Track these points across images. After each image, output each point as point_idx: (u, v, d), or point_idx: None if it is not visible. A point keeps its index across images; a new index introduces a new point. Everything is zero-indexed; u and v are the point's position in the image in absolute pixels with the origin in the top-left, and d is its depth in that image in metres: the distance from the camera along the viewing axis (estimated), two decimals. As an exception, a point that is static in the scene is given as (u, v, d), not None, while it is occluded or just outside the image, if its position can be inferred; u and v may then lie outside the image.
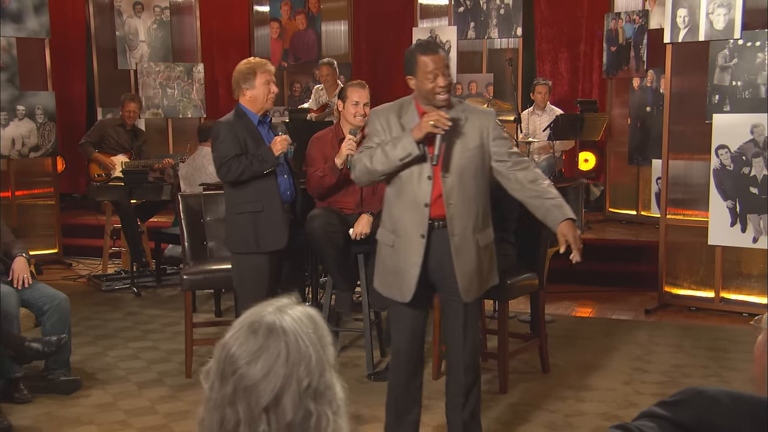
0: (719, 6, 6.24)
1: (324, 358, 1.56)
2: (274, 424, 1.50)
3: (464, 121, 3.64)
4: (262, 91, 4.71)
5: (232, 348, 1.53)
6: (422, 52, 3.63)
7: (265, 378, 1.50)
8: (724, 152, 6.29)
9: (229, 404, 1.51)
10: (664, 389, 4.81)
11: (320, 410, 1.55)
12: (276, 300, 1.64)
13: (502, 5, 9.46)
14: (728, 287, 6.51)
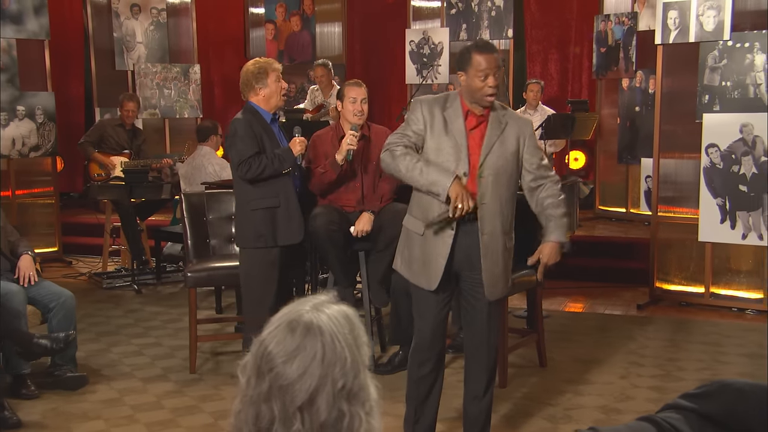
0: (709, 8, 6.26)
1: (359, 359, 1.56)
2: (308, 423, 1.50)
3: (505, 126, 3.66)
4: (274, 88, 4.78)
5: (270, 345, 1.53)
6: (478, 50, 3.60)
7: (300, 378, 1.50)
8: (713, 151, 6.31)
9: (264, 401, 1.51)
10: (660, 383, 4.83)
11: (353, 411, 1.55)
12: (313, 297, 1.63)
13: (493, 7, 9.47)
14: (718, 283, 6.53)
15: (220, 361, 5.33)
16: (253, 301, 4.90)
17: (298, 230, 4.80)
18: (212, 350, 5.51)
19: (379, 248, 5.03)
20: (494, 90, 3.58)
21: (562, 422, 4.26)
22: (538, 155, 3.76)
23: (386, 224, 4.96)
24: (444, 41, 9.57)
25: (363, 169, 5.09)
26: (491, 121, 3.65)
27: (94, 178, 7.91)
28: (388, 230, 4.94)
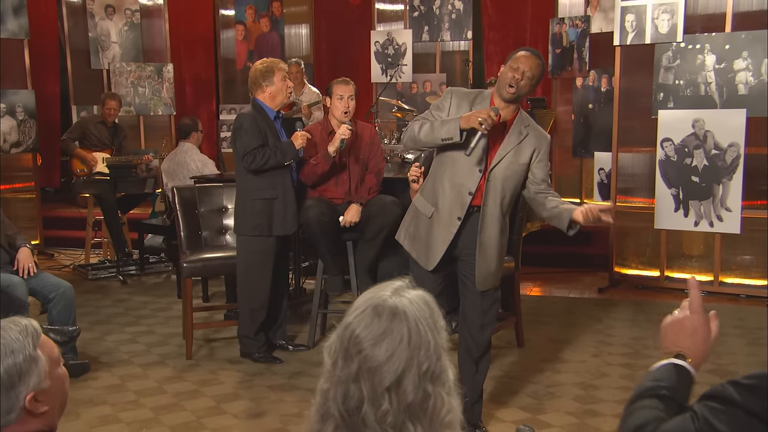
0: (663, 12, 6.38)
1: (439, 342, 1.56)
2: (395, 404, 1.50)
3: (524, 137, 3.64)
4: (280, 86, 4.83)
5: (357, 329, 1.52)
6: (522, 50, 3.61)
7: (388, 360, 1.50)
8: (668, 145, 6.44)
9: (353, 381, 1.51)
10: (629, 360, 4.93)
11: (436, 392, 1.56)
12: (391, 282, 1.63)
13: (453, 10, 9.51)
14: (672, 267, 6.68)
15: (214, 347, 5.28)
16: (249, 287, 4.90)
17: (292, 222, 4.86)
18: (205, 337, 5.45)
19: (367, 238, 5.04)
20: (514, 84, 3.50)
21: (546, 399, 4.32)
22: (544, 171, 3.75)
23: (374, 215, 4.97)
24: (407, 42, 9.58)
25: (351, 162, 5.10)
26: (512, 130, 3.64)
27: (76, 173, 7.74)
28: (376, 221, 4.97)
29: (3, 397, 1.63)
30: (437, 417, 1.54)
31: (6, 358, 1.64)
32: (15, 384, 1.65)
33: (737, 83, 6.17)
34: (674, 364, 1.78)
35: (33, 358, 1.68)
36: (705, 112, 6.27)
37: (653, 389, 1.73)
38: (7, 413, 1.64)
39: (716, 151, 6.25)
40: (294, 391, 4.48)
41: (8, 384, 1.63)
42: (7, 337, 1.67)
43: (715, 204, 6.29)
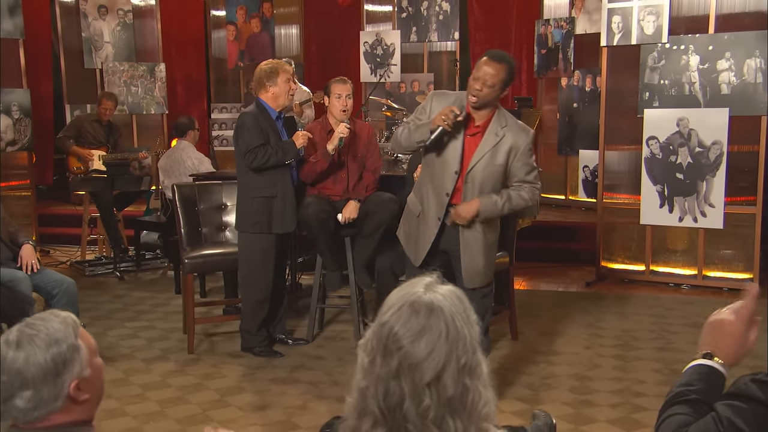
0: (649, 14, 6.42)
1: (474, 336, 1.56)
2: (436, 399, 1.49)
3: (501, 138, 3.67)
4: (283, 88, 4.80)
5: (395, 327, 1.51)
6: (486, 54, 3.68)
7: (428, 356, 1.49)
8: (653, 143, 6.49)
9: (393, 378, 1.50)
10: (621, 351, 4.96)
11: (474, 386, 1.56)
12: (421, 279, 1.62)
13: (440, 12, 9.53)
14: (657, 261, 6.73)
15: (214, 341, 5.27)
16: (250, 283, 4.89)
17: (291, 220, 4.85)
18: (204, 332, 5.43)
19: (365, 234, 5.04)
20: (477, 92, 3.59)
21: (542, 390, 4.34)
22: (524, 170, 3.76)
23: (372, 211, 4.98)
24: (396, 43, 9.59)
25: (349, 160, 5.09)
26: (488, 133, 3.68)
27: (73, 171, 7.70)
28: (374, 217, 4.97)
29: (50, 385, 1.63)
30: (475, 410, 1.54)
31: (51, 347, 1.65)
32: (60, 372, 1.65)
33: (720, 83, 6.22)
34: (704, 365, 1.75)
35: (75, 347, 1.69)
36: (689, 111, 6.32)
37: (681, 394, 1.71)
38: (54, 400, 1.65)
39: (700, 149, 6.30)
40: (296, 384, 4.47)
41: (54, 372, 1.64)
42: (50, 327, 1.68)
43: (699, 200, 6.35)
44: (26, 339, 1.65)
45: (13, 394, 1.63)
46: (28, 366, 1.63)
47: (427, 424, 1.49)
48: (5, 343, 1.67)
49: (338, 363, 4.81)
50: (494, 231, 3.90)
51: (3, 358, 1.64)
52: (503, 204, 3.77)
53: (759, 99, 6.10)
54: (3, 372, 1.63)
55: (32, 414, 1.64)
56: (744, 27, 6.20)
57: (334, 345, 5.16)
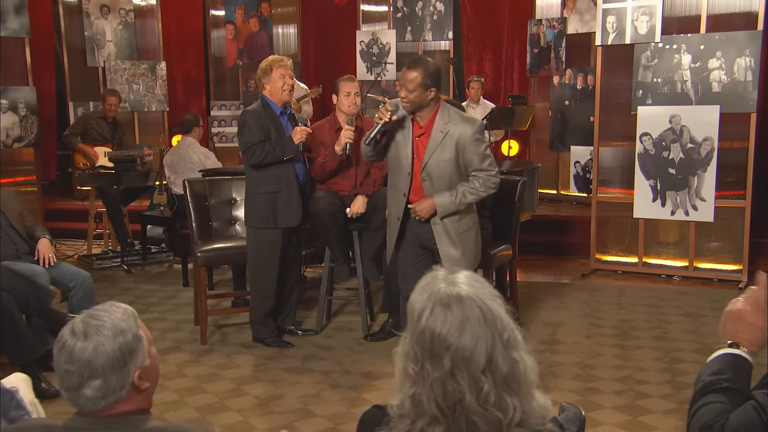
0: (642, 14, 6.45)
1: (503, 309, 1.57)
2: (492, 380, 1.50)
3: (445, 135, 3.80)
4: (278, 84, 4.77)
5: (436, 328, 1.51)
6: (404, 66, 3.86)
7: (476, 344, 1.50)
8: (647, 139, 6.52)
9: (449, 377, 1.50)
10: (620, 341, 4.99)
11: (520, 356, 1.57)
12: (433, 276, 1.62)
13: (435, 12, 9.54)
14: (649, 253, 6.77)
15: (225, 332, 5.26)
16: (258, 277, 4.89)
17: (296, 214, 4.82)
18: (215, 323, 5.42)
19: (373, 228, 5.05)
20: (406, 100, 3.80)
21: (548, 378, 4.36)
22: (477, 159, 3.84)
23: (380, 206, 4.97)
24: (391, 42, 9.60)
25: (356, 157, 5.08)
26: (433, 131, 3.83)
27: (79, 167, 7.66)
28: (382, 212, 4.95)
29: (117, 374, 1.63)
30: (525, 379, 1.55)
31: (117, 337, 1.65)
32: (127, 361, 1.65)
33: (711, 81, 6.26)
34: (731, 354, 1.76)
35: (138, 337, 1.69)
36: (681, 108, 6.36)
37: (714, 383, 1.71)
38: (120, 389, 1.65)
39: (692, 145, 6.35)
40: (308, 373, 4.48)
41: (121, 361, 1.64)
42: (113, 317, 1.68)
43: (690, 194, 6.39)
44: (93, 330, 1.65)
45: (82, 384, 1.63)
46: (97, 356, 1.62)
47: (489, 409, 1.50)
48: (71, 334, 1.66)
49: (348, 353, 4.82)
50: (466, 219, 3.96)
51: (70, 348, 1.64)
52: (458, 199, 3.89)
53: (748, 97, 6.15)
54: (72, 362, 1.63)
55: (100, 403, 1.64)
56: (734, 27, 6.24)
57: (343, 335, 5.17)
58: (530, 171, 6.30)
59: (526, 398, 1.54)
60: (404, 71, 3.78)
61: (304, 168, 4.92)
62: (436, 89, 3.77)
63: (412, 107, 3.79)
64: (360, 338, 5.09)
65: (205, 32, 10.75)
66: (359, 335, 5.14)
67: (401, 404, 1.58)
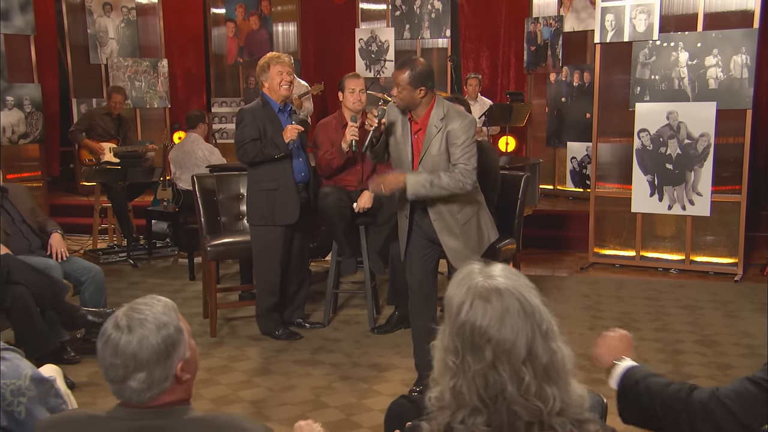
0: (641, 12, 6.47)
1: (539, 300, 1.57)
2: (532, 372, 1.51)
3: (439, 130, 3.80)
4: (276, 80, 4.75)
5: (476, 321, 1.51)
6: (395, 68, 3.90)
7: (516, 336, 1.50)
8: (644, 135, 6.55)
9: (490, 368, 1.50)
10: (622, 332, 5.01)
11: (557, 346, 1.57)
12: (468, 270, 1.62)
13: (433, 10, 9.53)
14: (646, 247, 6.80)
15: (234, 326, 5.26)
16: (261, 273, 4.91)
17: (293, 212, 4.80)
18: (223, 316, 5.42)
19: (379, 222, 5.06)
20: (397, 98, 3.81)
21: (554, 368, 4.38)
22: (457, 153, 3.77)
23: (387, 201, 4.97)
24: (390, 40, 9.60)
25: (362, 153, 5.05)
26: (428, 127, 3.83)
27: (85, 162, 7.63)
28: (388, 207, 4.97)
29: (161, 366, 1.64)
30: (563, 369, 1.56)
31: (161, 329, 1.65)
32: (170, 353, 1.66)
33: (708, 78, 6.29)
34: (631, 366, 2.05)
35: (180, 329, 1.70)
36: (678, 105, 6.38)
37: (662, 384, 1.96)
38: (164, 381, 1.65)
39: (689, 141, 6.37)
40: (319, 365, 4.49)
41: (165, 353, 1.65)
42: (155, 311, 1.68)
43: (687, 189, 6.42)
44: (137, 323, 1.65)
45: (127, 376, 1.63)
46: (142, 349, 1.63)
47: (530, 399, 1.51)
48: (115, 327, 1.66)
49: (356, 345, 4.83)
50: (465, 210, 3.93)
51: (116, 342, 1.64)
52: (430, 182, 3.74)
53: (744, 93, 6.18)
54: (117, 355, 1.63)
55: (145, 394, 1.64)
56: (731, 25, 6.26)
57: (350, 328, 5.18)
58: (532, 166, 6.32)
59: (564, 388, 1.55)
60: (394, 72, 3.84)
61: (306, 165, 4.89)
62: (426, 88, 3.77)
63: (403, 105, 3.83)
64: (367, 331, 5.10)
65: (206, 30, 10.72)
66: (366, 328, 5.14)
67: (440, 396, 1.59)
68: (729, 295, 5.89)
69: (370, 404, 3.93)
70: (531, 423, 1.52)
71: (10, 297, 4.04)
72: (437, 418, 1.59)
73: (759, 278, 6.43)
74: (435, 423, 1.59)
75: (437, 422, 1.58)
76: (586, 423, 1.55)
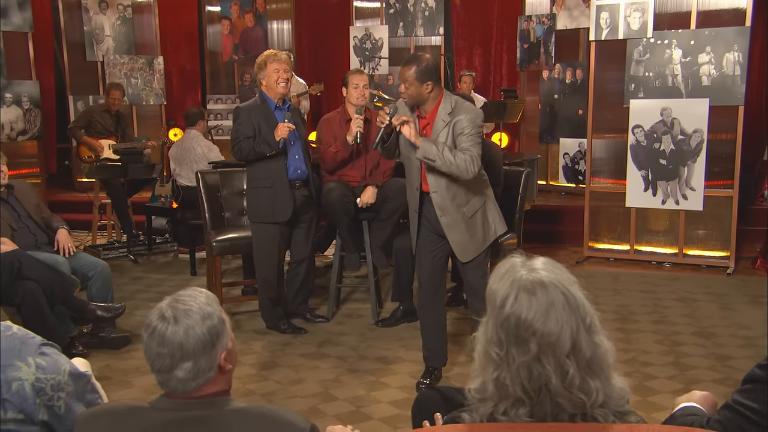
0: (635, 10, 6.50)
1: (581, 294, 1.58)
2: (576, 365, 1.51)
3: (446, 123, 3.78)
4: (272, 78, 4.74)
5: (522, 314, 1.51)
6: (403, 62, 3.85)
7: (561, 329, 1.51)
8: (639, 131, 6.58)
9: (535, 361, 1.51)
10: (621, 325, 5.05)
11: (600, 340, 1.58)
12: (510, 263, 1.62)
13: (426, 8, 9.52)
14: (640, 241, 6.83)
15: (238, 320, 5.25)
16: (260, 268, 4.91)
17: (287, 209, 4.77)
18: (227, 311, 5.35)
19: (383, 218, 5.06)
20: (405, 95, 3.79)
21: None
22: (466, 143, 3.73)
23: (391, 196, 4.99)
24: (384, 37, 9.58)
25: (365, 148, 5.08)
26: (435, 122, 3.81)
27: (84, 159, 7.59)
28: (392, 202, 4.99)
29: (207, 356, 1.64)
30: (605, 362, 1.56)
31: (205, 320, 1.66)
32: (214, 343, 1.66)
33: (701, 75, 6.32)
34: None
35: (222, 320, 1.70)
36: (672, 102, 6.42)
37: None
38: (209, 370, 1.66)
39: (682, 137, 6.41)
40: (325, 358, 4.49)
41: (210, 343, 1.65)
42: (199, 302, 1.68)
43: (680, 184, 6.46)
44: (182, 314, 1.65)
45: (174, 366, 1.63)
46: (188, 339, 1.63)
47: (574, 392, 1.51)
48: (160, 318, 1.66)
49: (361, 339, 4.83)
50: (471, 204, 3.93)
51: (162, 332, 1.64)
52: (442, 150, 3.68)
53: (737, 90, 6.22)
54: (164, 345, 1.63)
55: (191, 384, 1.64)
56: (723, 23, 6.30)
57: (353, 322, 5.18)
58: (530, 162, 6.34)
59: (606, 381, 1.55)
60: (401, 69, 3.81)
61: (304, 161, 4.86)
62: (432, 82, 3.76)
63: (411, 101, 3.81)
64: (371, 324, 5.11)
65: (201, 27, 10.66)
66: (369, 321, 5.15)
67: (482, 388, 1.59)
68: (722, 288, 5.94)
69: (379, 396, 3.94)
70: (574, 415, 1.53)
71: (21, 292, 4.02)
72: (478, 410, 1.59)
73: (750, 271, 6.49)
74: (476, 414, 1.59)
75: (479, 413, 1.59)
76: (627, 415, 1.57)
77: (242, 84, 10.36)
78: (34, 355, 1.81)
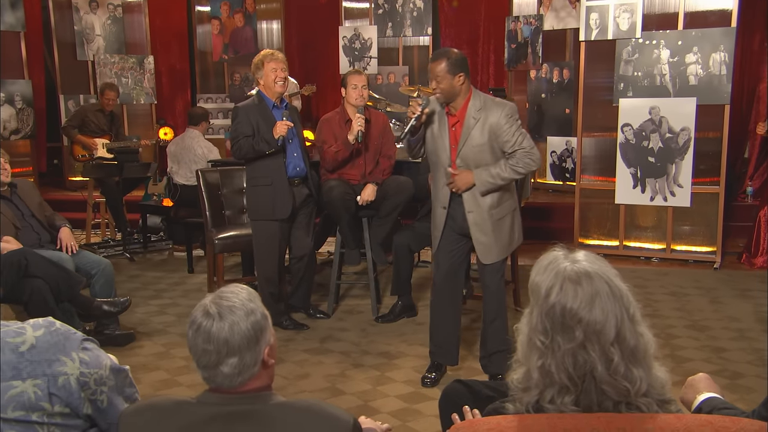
0: (624, 11, 6.55)
1: (624, 285, 1.60)
2: (619, 353, 1.53)
3: (477, 122, 3.71)
4: (270, 77, 4.72)
5: (567, 303, 1.53)
6: (432, 56, 3.77)
7: (606, 318, 1.52)
8: (627, 129, 6.64)
9: (580, 348, 1.52)
10: (616, 318, 5.09)
11: (642, 330, 1.60)
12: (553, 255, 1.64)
13: (414, 8, 9.54)
14: (629, 237, 6.89)
15: (240, 316, 5.23)
16: (260, 265, 4.90)
17: (286, 206, 4.77)
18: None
19: (383, 215, 5.07)
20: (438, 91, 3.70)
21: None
22: (512, 140, 3.70)
23: (390, 194, 5.00)
24: (373, 37, 9.58)
25: (365, 147, 5.09)
26: (466, 119, 3.73)
27: (78, 158, 7.52)
28: (392, 199, 5.00)
29: (251, 351, 1.64)
30: (647, 352, 1.58)
31: (249, 316, 1.66)
32: (258, 339, 1.66)
33: (688, 75, 6.39)
34: None
35: (265, 315, 1.70)
36: (660, 101, 6.48)
37: None
38: (253, 366, 1.66)
39: (670, 135, 6.48)
40: (329, 354, 4.49)
41: (255, 339, 1.65)
42: (242, 298, 1.68)
43: (668, 181, 6.53)
44: (227, 310, 1.65)
45: (219, 362, 1.63)
46: (233, 334, 1.63)
47: (618, 379, 1.53)
48: (205, 315, 1.66)
49: (363, 334, 4.84)
50: (503, 206, 3.87)
51: (208, 328, 1.63)
52: (495, 172, 3.71)
53: (723, 90, 6.29)
54: (210, 341, 1.63)
55: (236, 379, 1.64)
56: (710, 24, 6.37)
57: (354, 318, 5.18)
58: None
59: (649, 371, 1.57)
60: (430, 65, 3.71)
61: (302, 159, 4.85)
62: (464, 74, 3.70)
63: (444, 97, 3.70)
64: (371, 320, 5.11)
65: (191, 27, 10.60)
66: (370, 317, 5.15)
67: (526, 376, 1.60)
68: (711, 282, 6.01)
69: (386, 390, 3.95)
70: (618, 402, 1.54)
71: (29, 290, 3.98)
72: (522, 399, 1.61)
73: (736, 265, 6.56)
74: (520, 404, 1.61)
75: (522, 403, 1.60)
76: (668, 403, 1.59)
77: (232, 83, 10.31)
78: (77, 350, 1.80)
